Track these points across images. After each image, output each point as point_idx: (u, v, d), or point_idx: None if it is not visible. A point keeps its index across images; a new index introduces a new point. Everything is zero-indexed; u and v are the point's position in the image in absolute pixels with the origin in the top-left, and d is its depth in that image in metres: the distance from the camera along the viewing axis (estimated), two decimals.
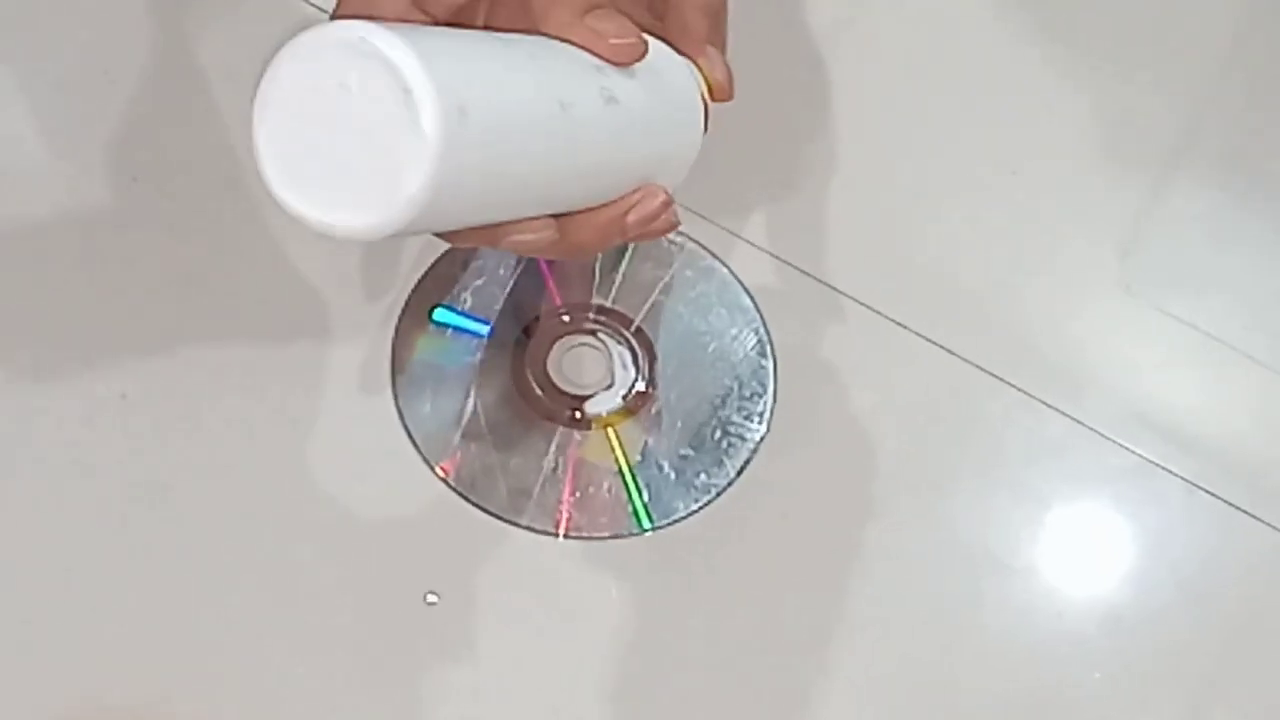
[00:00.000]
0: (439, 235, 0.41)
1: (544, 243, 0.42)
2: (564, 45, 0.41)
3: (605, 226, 0.43)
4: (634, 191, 0.44)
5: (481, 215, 0.39)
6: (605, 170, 0.43)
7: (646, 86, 0.43)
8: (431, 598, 0.58)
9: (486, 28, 0.45)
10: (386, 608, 0.58)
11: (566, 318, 0.61)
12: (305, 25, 0.43)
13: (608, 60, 0.42)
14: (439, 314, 0.60)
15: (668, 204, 0.44)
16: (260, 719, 0.58)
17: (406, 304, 0.61)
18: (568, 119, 0.39)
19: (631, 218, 0.44)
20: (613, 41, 0.41)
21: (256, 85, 0.36)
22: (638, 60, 0.42)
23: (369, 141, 0.35)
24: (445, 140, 0.34)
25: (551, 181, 0.41)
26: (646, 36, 0.45)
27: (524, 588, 0.59)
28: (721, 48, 0.49)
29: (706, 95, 0.48)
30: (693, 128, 0.47)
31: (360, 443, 0.60)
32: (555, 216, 0.42)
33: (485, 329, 0.60)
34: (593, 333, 0.61)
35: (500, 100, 0.37)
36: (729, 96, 0.49)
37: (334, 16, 0.43)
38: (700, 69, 0.48)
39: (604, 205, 0.43)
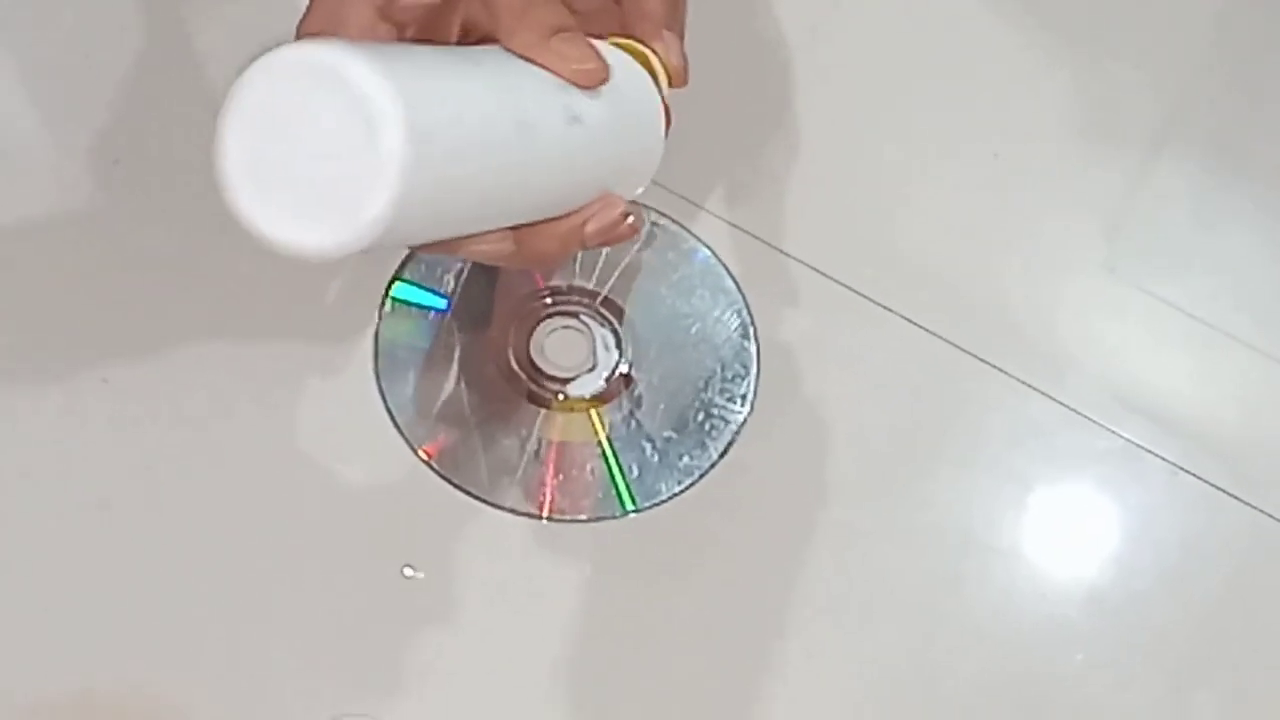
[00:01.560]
0: None
1: (501, 254, 0.43)
2: (527, 65, 0.42)
3: (565, 236, 0.44)
4: (593, 202, 0.44)
5: (441, 232, 0.40)
6: (565, 186, 0.43)
7: (609, 103, 0.44)
8: (411, 572, 0.58)
9: (458, 41, 0.46)
10: (369, 592, 0.58)
11: (549, 300, 0.61)
12: (290, 10, 0.44)
13: (571, 83, 0.42)
14: (398, 290, 0.60)
15: (627, 214, 0.45)
16: (243, 697, 0.58)
17: (389, 287, 0.61)
18: (530, 140, 0.40)
19: (590, 228, 0.44)
20: (575, 67, 0.42)
21: (227, 93, 0.36)
22: (600, 84, 0.43)
23: (333, 164, 0.35)
24: (409, 164, 0.35)
25: (511, 199, 0.41)
26: (609, 49, 0.45)
27: (507, 570, 0.59)
28: (679, 33, 0.49)
29: (664, 81, 0.48)
30: (654, 137, 0.48)
31: (343, 425, 0.60)
32: (515, 227, 0.43)
33: (443, 302, 0.60)
34: (575, 315, 0.61)
35: (463, 124, 0.38)
36: (684, 82, 0.49)
37: (299, 31, 0.43)
38: (656, 54, 0.48)
39: (564, 216, 0.44)
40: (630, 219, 0.45)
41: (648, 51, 0.48)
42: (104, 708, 0.58)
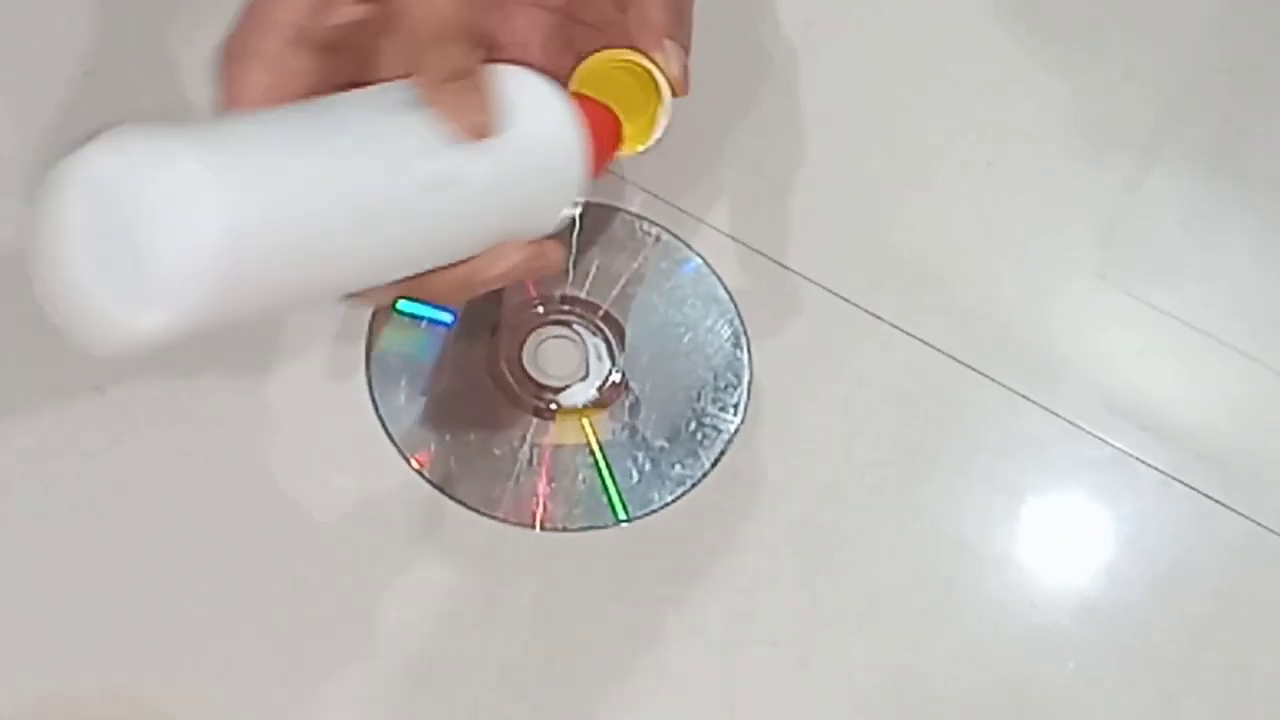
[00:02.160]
0: None
1: (388, 299, 0.44)
2: (410, 118, 0.41)
3: (463, 282, 0.44)
4: (492, 249, 0.44)
5: (290, 304, 0.40)
6: (440, 246, 0.43)
7: (502, 151, 0.43)
8: (403, 580, 0.58)
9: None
10: (361, 601, 0.58)
11: (541, 309, 0.61)
12: None
13: (460, 134, 0.42)
14: (401, 302, 0.60)
15: (532, 256, 0.45)
16: (235, 705, 0.58)
17: None
18: (382, 215, 0.39)
19: (493, 272, 0.44)
20: (463, 121, 0.42)
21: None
22: (485, 138, 0.42)
23: (149, 252, 0.35)
24: (225, 256, 0.35)
25: (370, 268, 0.41)
26: (531, 75, 0.45)
27: (500, 579, 0.59)
28: (684, 42, 0.49)
29: (666, 91, 0.48)
30: (564, 174, 0.47)
31: (336, 435, 0.60)
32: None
33: (449, 316, 0.60)
34: (567, 324, 0.61)
35: (298, 213, 0.37)
36: (685, 92, 0.49)
37: (222, 54, 0.44)
38: (657, 63, 0.48)
39: (459, 263, 0.44)
40: (540, 261, 0.45)
41: (647, 62, 0.48)
42: (98, 711, 0.58)
